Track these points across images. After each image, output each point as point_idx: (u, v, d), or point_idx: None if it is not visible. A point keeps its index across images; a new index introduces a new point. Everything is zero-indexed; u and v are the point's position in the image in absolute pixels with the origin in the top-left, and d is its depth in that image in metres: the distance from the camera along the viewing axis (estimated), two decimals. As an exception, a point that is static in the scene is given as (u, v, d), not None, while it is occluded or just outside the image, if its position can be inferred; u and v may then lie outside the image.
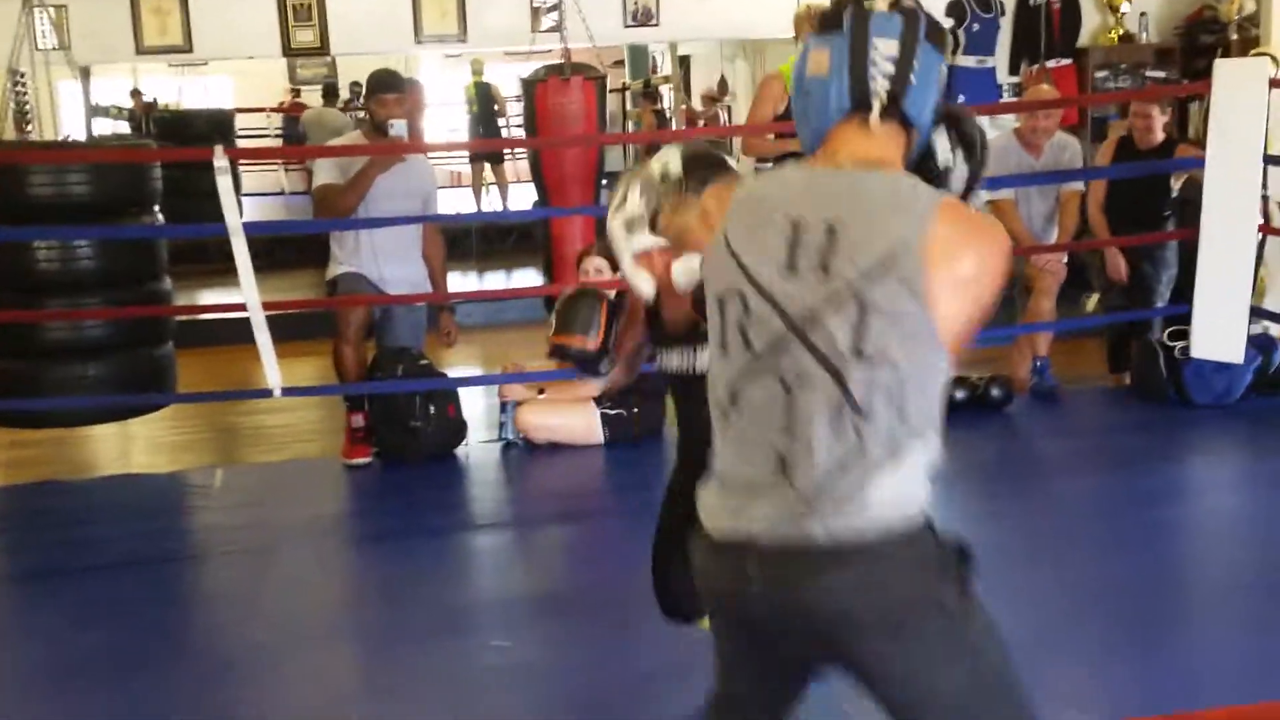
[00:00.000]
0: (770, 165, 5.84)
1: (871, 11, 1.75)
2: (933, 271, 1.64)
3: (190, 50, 8.86)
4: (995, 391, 5.51)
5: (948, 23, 8.45)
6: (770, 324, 1.72)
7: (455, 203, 12.65)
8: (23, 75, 7.86)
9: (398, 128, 4.98)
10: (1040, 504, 4.55)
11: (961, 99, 8.18)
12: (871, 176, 1.74)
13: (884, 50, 1.74)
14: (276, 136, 14.99)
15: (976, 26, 8.40)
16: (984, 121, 8.78)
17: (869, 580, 1.68)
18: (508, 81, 13.06)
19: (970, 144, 2.06)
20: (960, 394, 5.50)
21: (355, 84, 13.21)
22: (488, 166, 12.96)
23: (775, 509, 1.71)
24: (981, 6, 8.47)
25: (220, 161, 4.59)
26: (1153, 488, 4.58)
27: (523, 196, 12.55)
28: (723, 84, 13.69)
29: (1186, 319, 5.25)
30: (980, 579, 1.75)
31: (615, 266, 2.60)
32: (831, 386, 1.67)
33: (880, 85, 1.74)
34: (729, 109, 13.42)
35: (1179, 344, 5.41)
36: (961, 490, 4.81)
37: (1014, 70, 8.72)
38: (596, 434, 5.19)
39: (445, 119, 14.66)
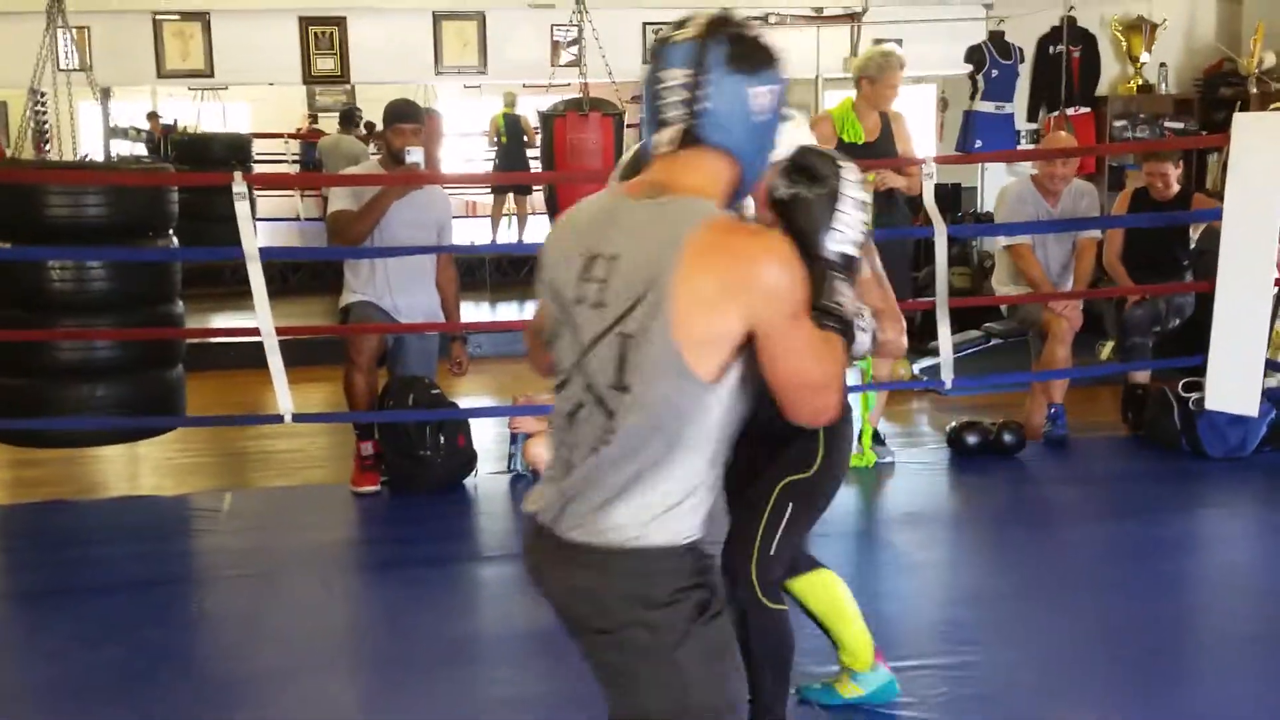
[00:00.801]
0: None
1: (669, 40, 1.76)
2: (678, 295, 1.65)
3: (211, 74, 8.91)
4: (1008, 437, 5.50)
5: (966, 68, 8.50)
6: (572, 347, 1.80)
7: (470, 233, 12.67)
8: (43, 95, 7.91)
9: (414, 155, 4.99)
10: (1050, 550, 4.54)
11: (979, 144, 8.21)
12: (660, 204, 1.75)
13: (678, 78, 1.74)
14: (293, 162, 15.05)
15: (995, 72, 8.42)
16: (1000, 168, 8.83)
17: (591, 585, 1.78)
18: (534, 114, 13.13)
19: (812, 173, 2.09)
20: (973, 439, 5.49)
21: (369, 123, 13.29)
22: (510, 197, 13.00)
23: (549, 499, 1.83)
24: (1001, 53, 8.49)
25: (239, 187, 4.60)
26: (1163, 537, 4.56)
27: (541, 228, 12.58)
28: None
29: (1201, 370, 5.23)
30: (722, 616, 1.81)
31: None
32: (598, 414, 1.75)
33: (675, 113, 1.75)
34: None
35: (1193, 395, 5.39)
36: (971, 534, 4.80)
37: (1032, 117, 8.75)
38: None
39: (463, 149, 14.71)
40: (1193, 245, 5.77)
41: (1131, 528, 4.69)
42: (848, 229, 2.07)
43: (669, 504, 1.73)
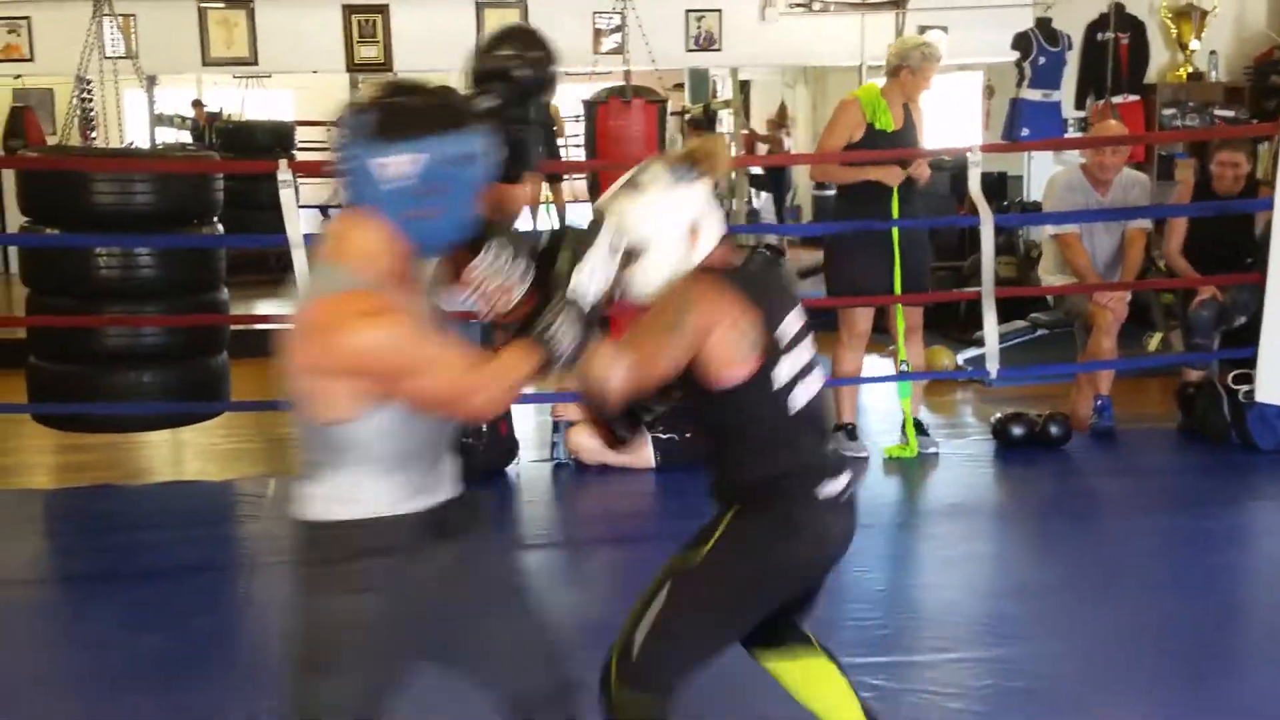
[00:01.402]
0: (833, 191, 5.82)
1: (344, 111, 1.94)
2: (292, 363, 1.95)
3: (255, 63, 8.95)
4: (1054, 429, 5.45)
5: (1013, 55, 8.41)
6: None
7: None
8: (89, 83, 7.98)
9: None
10: (1096, 543, 4.49)
11: (1026, 132, 8.13)
12: (314, 271, 2.07)
13: (336, 141, 1.94)
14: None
15: (1043, 60, 8.32)
16: (1047, 157, 8.74)
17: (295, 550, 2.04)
18: (565, 102, 13.10)
19: (507, 237, 2.11)
20: (1018, 430, 5.45)
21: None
22: (545, 185, 13.00)
23: None
24: (1048, 40, 8.39)
25: (284, 174, 4.63)
26: (1211, 530, 4.51)
27: (579, 216, 12.58)
28: (783, 110, 13.67)
29: (1252, 363, 5.16)
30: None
31: None
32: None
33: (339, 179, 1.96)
34: (788, 134, 13.41)
35: (1243, 388, 5.31)
36: (1017, 527, 4.76)
37: (1080, 105, 8.64)
38: (648, 458, 5.17)
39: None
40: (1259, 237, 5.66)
41: (1180, 520, 4.64)
42: (589, 279, 2.09)
43: (340, 493, 1.97)
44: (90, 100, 8.30)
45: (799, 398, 2.35)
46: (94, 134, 8.64)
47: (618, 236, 2.22)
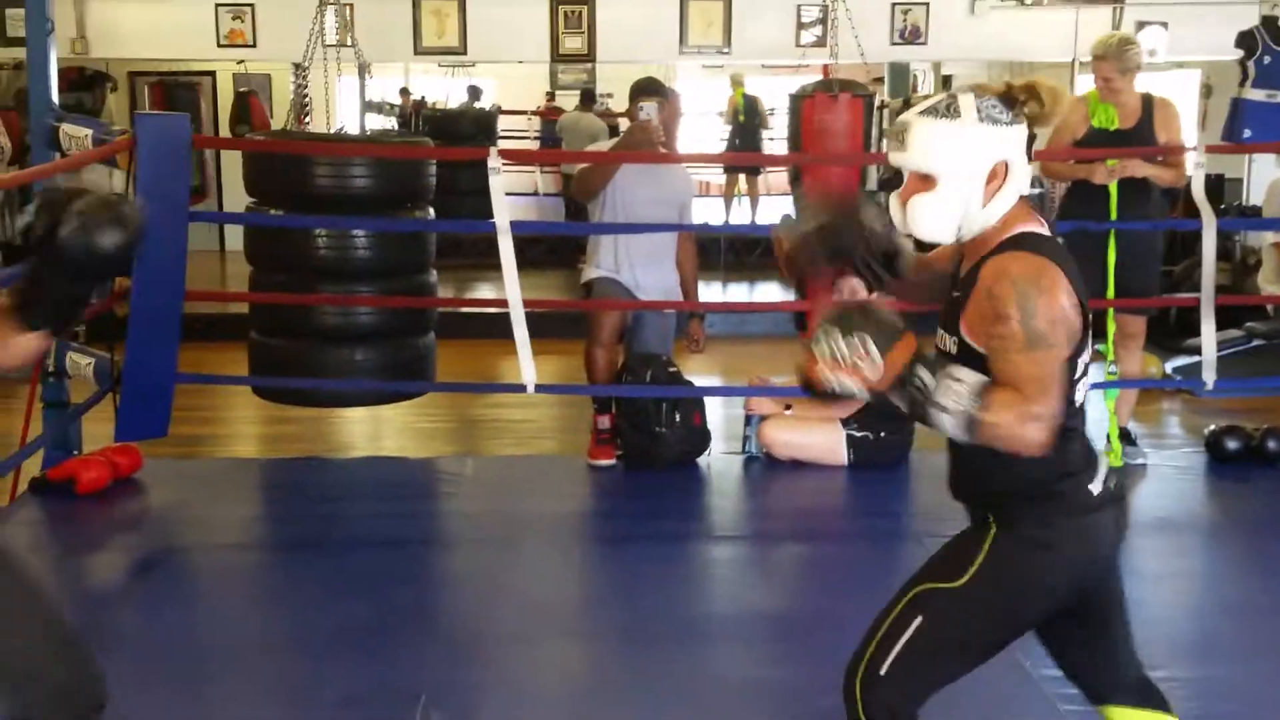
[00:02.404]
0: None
1: None
2: None
3: (464, 52, 9.21)
4: (1272, 444, 5.19)
5: (1235, 54, 8.03)
6: None
7: (704, 213, 12.75)
8: (306, 69, 8.31)
9: (647, 110, 5.07)
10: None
11: (1248, 134, 7.75)
12: None
13: None
14: (534, 139, 15.40)
15: (1268, 59, 7.91)
16: (1270, 160, 8.36)
17: None
18: (767, 93, 13.09)
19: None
20: (1234, 444, 5.21)
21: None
22: (742, 177, 13.02)
23: None
24: (1274, 38, 7.98)
25: (494, 162, 4.73)
26: None
27: (773, 210, 12.55)
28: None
29: None
30: None
31: (871, 288, 2.47)
32: None
33: None
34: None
35: None
36: (1228, 544, 4.56)
37: (1307, 106, 8.21)
38: (840, 455, 5.12)
39: (700, 129, 14.77)
40: None
41: None
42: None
43: None
44: (305, 87, 8.65)
45: (1081, 387, 2.18)
46: (308, 119, 9.01)
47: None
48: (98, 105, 11.61)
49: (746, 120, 12.78)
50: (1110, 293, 5.03)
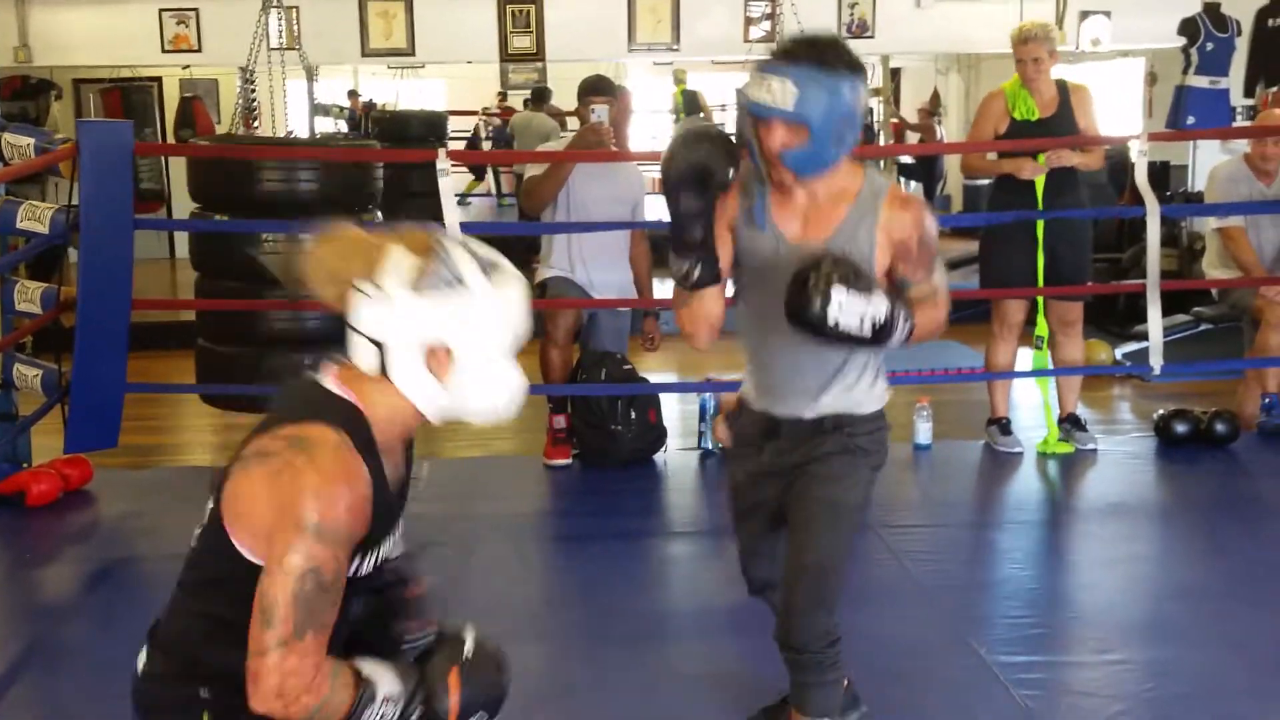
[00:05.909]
0: (983, 181, 5.69)
1: None
2: None
3: (412, 54, 9.17)
4: (1220, 427, 5.26)
5: (1178, 41, 8.14)
6: None
7: (658, 210, 12.76)
8: (253, 73, 8.25)
9: (599, 113, 5.06)
10: (1263, 545, 4.30)
11: (1192, 121, 7.86)
12: None
13: None
14: (486, 139, 15.35)
15: (1210, 46, 8.04)
16: (1214, 146, 8.47)
17: None
18: (710, 91, 13.12)
19: None
20: (1182, 428, 5.27)
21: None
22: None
23: None
24: (1216, 25, 8.10)
25: (443, 164, 4.72)
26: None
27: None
28: (935, 98, 13.45)
29: None
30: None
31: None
32: None
33: None
34: (939, 122, 13.20)
35: None
36: (1180, 527, 4.61)
37: (1249, 93, 8.32)
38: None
39: (651, 127, 14.78)
40: None
41: (1354, 525, 4.45)
42: None
43: None
44: (254, 90, 8.59)
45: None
46: (256, 123, 8.94)
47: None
48: (42, 114, 11.48)
49: (688, 116, 12.81)
50: (1040, 281, 5.07)
